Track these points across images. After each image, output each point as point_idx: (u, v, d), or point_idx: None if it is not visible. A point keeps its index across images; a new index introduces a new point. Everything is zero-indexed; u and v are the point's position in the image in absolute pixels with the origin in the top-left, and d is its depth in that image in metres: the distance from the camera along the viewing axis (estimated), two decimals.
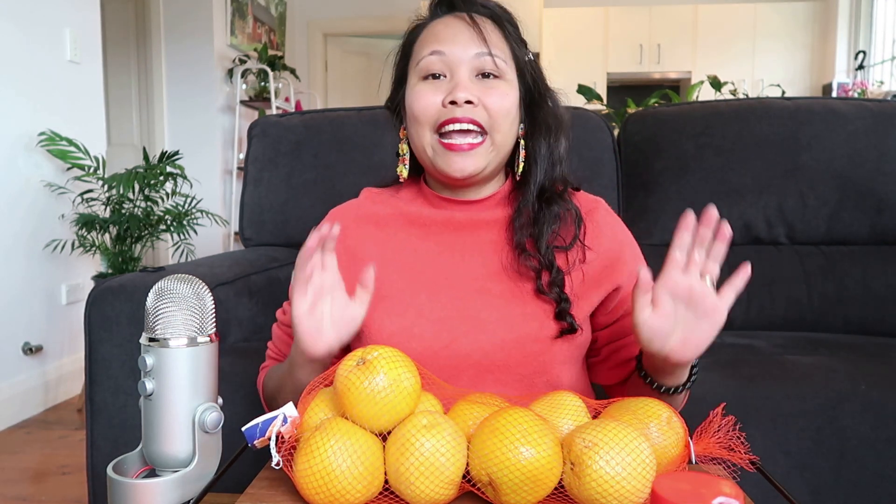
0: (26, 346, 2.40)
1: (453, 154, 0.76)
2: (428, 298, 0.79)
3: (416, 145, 0.80)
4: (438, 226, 0.83)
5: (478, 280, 0.79)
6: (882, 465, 1.05)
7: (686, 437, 0.60)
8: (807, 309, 1.47)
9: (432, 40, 0.78)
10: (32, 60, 2.43)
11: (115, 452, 1.09)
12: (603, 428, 0.54)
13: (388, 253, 0.83)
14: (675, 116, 1.58)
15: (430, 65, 0.77)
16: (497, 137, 0.77)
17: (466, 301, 0.78)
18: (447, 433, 0.56)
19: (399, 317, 0.78)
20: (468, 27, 0.78)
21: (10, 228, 2.35)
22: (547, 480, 0.54)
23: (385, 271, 0.80)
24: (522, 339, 0.76)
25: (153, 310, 0.56)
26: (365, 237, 0.84)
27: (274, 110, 4.20)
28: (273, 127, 1.61)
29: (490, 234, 0.82)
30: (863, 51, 5.13)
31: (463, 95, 0.75)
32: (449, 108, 0.75)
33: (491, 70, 0.77)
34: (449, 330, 0.77)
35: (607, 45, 5.76)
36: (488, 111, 0.76)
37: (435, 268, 0.81)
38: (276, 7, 5.05)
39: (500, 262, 0.80)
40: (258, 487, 0.61)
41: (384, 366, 0.58)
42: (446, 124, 0.75)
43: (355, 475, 0.54)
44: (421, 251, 0.82)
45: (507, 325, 0.76)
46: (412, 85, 0.79)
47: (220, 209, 4.20)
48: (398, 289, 0.80)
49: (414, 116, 0.78)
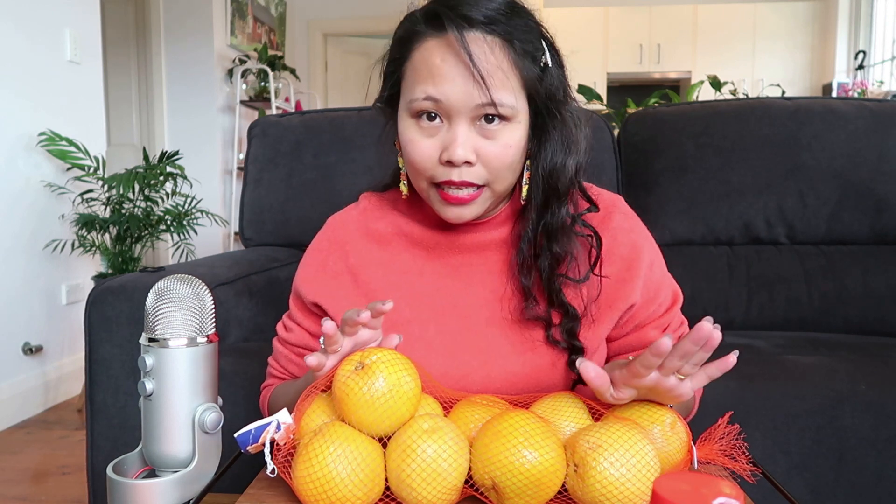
0: (26, 346, 2.40)
1: (450, 206, 0.71)
2: (437, 331, 0.75)
3: (413, 179, 0.74)
4: (443, 248, 0.78)
5: (487, 306, 0.75)
6: (882, 465, 1.05)
7: (689, 442, 0.60)
8: (807, 309, 1.47)
9: (427, 79, 0.68)
10: (32, 60, 2.43)
11: (115, 452, 1.09)
12: (607, 429, 0.54)
13: (392, 277, 0.78)
14: (675, 116, 1.58)
15: (425, 107, 0.69)
16: (496, 187, 0.71)
17: (476, 332, 0.74)
18: (449, 437, 0.55)
19: (407, 351, 0.72)
20: (466, 70, 0.66)
21: (10, 228, 2.35)
22: (551, 483, 0.53)
23: (391, 298, 0.74)
24: (536, 371, 0.73)
25: (153, 310, 0.56)
26: (368, 257, 0.79)
27: (274, 110, 4.19)
28: (273, 127, 1.61)
29: (498, 253, 0.78)
30: (863, 51, 5.12)
31: (461, 155, 0.67)
32: (446, 167, 0.69)
33: (494, 115, 0.68)
34: (459, 366, 0.73)
35: (607, 45, 5.76)
36: (488, 167, 0.69)
37: (443, 294, 0.76)
38: (276, 7, 5.05)
39: (508, 285, 0.75)
40: (258, 488, 0.60)
41: (383, 369, 0.57)
42: (444, 185, 0.70)
43: (355, 481, 0.53)
44: (427, 275, 0.78)
45: (520, 358, 0.73)
46: (405, 121, 0.71)
47: (220, 209, 4.20)
48: (406, 319, 0.75)
49: (410, 159, 0.71)
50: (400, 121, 0.73)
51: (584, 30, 5.73)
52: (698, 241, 1.53)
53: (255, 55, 4.36)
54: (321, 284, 0.80)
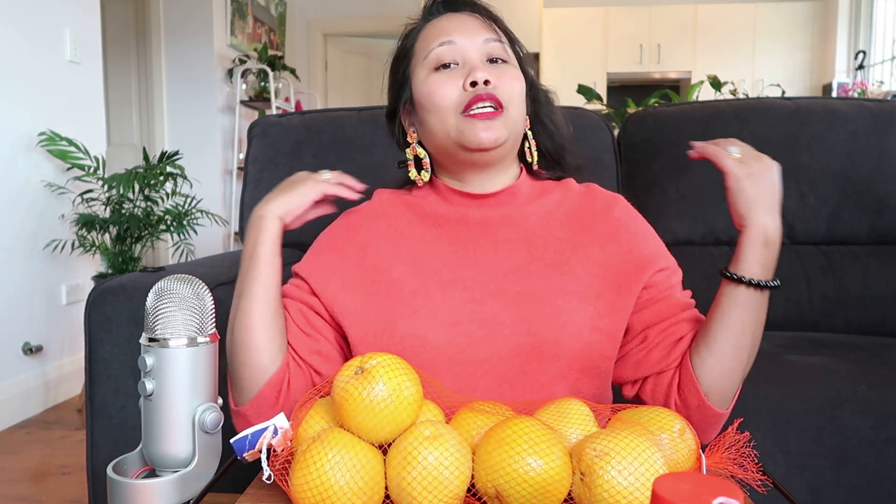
0: (26, 346, 2.40)
1: (478, 122, 0.76)
2: (443, 300, 0.76)
3: (436, 134, 0.79)
4: (453, 223, 0.81)
5: (495, 279, 0.77)
6: (882, 465, 1.05)
7: (698, 450, 0.58)
8: (807, 309, 1.47)
9: (438, 33, 0.79)
10: (32, 60, 2.43)
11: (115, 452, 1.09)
12: (614, 437, 0.52)
13: (400, 250, 0.80)
14: (675, 116, 1.58)
15: (440, 55, 0.78)
16: (512, 112, 0.78)
17: (483, 303, 0.76)
18: (451, 444, 0.53)
19: (411, 318, 0.75)
20: (472, 18, 0.80)
21: (10, 228, 2.35)
22: (556, 492, 0.52)
23: (397, 269, 0.78)
24: (540, 343, 0.73)
25: (153, 310, 0.56)
26: (377, 234, 0.82)
27: (274, 110, 4.20)
28: (273, 127, 1.61)
29: (506, 231, 0.80)
30: (863, 51, 5.13)
31: (482, 75, 0.76)
32: (470, 90, 0.76)
33: (500, 55, 0.79)
34: (465, 334, 0.74)
35: (607, 45, 5.76)
36: (502, 90, 0.77)
37: (450, 266, 0.78)
38: (276, 7, 5.05)
39: (516, 261, 0.78)
40: (258, 487, 0.60)
41: (384, 374, 0.56)
42: (472, 104, 0.76)
43: (354, 489, 0.52)
44: (435, 248, 0.80)
45: (527, 329, 0.74)
46: (423, 78, 0.79)
47: (220, 209, 4.20)
48: (411, 289, 0.77)
49: (435, 105, 0.77)
50: (418, 84, 0.80)
51: (584, 30, 5.73)
52: (698, 241, 1.53)
53: (255, 55, 4.36)
54: (317, 263, 0.82)
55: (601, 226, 0.81)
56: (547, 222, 0.81)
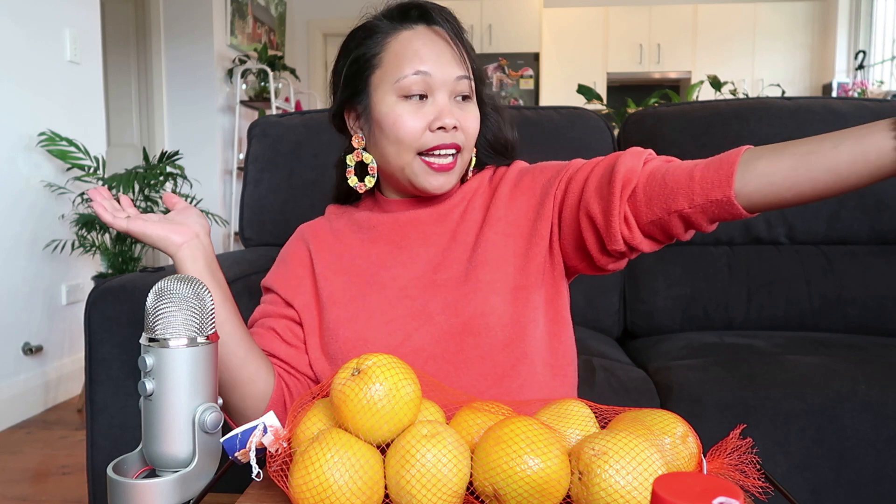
0: (26, 347, 2.40)
1: (435, 173, 0.79)
2: (378, 301, 0.81)
3: (389, 162, 0.80)
4: (385, 227, 0.85)
5: (426, 274, 0.81)
6: (882, 465, 1.06)
7: (699, 455, 0.58)
8: (807, 309, 1.47)
9: (414, 58, 0.78)
10: (32, 60, 2.43)
11: (115, 452, 1.09)
12: (613, 437, 0.52)
13: (342, 262, 0.85)
14: (675, 116, 1.58)
15: (412, 84, 0.77)
16: (465, 155, 0.81)
17: (415, 297, 0.80)
18: (450, 443, 0.53)
19: (351, 322, 0.80)
20: (448, 47, 0.79)
21: (10, 228, 2.35)
22: (555, 492, 0.51)
23: (338, 280, 0.83)
24: (467, 319, 0.76)
25: (153, 310, 0.56)
26: (323, 250, 0.87)
27: (274, 110, 4.20)
28: (273, 127, 1.61)
29: (434, 225, 0.84)
30: (863, 51, 5.13)
31: (450, 121, 0.77)
32: (437, 133, 0.77)
33: (466, 92, 0.80)
34: (401, 328, 0.78)
35: (607, 45, 5.76)
36: (465, 133, 0.80)
37: (385, 267, 0.83)
38: (276, 7, 5.05)
39: (442, 251, 0.82)
40: (258, 487, 0.60)
41: (381, 374, 0.56)
42: (434, 150, 0.78)
43: (353, 489, 0.52)
44: (370, 252, 0.85)
45: (453, 311, 0.77)
46: (389, 102, 0.78)
47: (220, 209, 4.20)
48: (350, 297, 0.82)
49: (396, 137, 0.78)
50: (380, 104, 0.79)
51: (584, 30, 5.73)
52: (698, 241, 1.53)
53: (255, 55, 4.36)
54: (283, 274, 0.88)
55: (506, 196, 0.83)
56: (466, 209, 0.84)
